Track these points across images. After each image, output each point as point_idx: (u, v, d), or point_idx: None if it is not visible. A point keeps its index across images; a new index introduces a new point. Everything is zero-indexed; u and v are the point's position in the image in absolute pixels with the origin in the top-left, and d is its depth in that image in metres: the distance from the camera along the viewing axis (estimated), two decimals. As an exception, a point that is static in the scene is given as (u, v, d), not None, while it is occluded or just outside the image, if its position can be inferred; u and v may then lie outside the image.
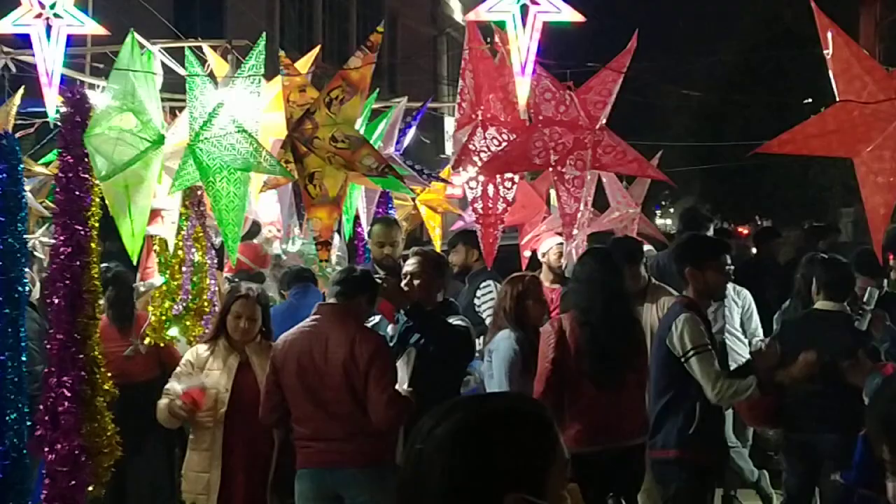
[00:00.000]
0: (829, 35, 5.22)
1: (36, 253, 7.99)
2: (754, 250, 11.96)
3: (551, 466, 2.18)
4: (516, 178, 6.93)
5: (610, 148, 6.56)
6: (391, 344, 6.18)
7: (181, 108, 7.53)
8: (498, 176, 6.80)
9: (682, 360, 5.77)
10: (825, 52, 5.24)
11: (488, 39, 7.10)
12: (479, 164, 6.75)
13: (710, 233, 9.40)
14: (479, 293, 8.33)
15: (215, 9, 20.40)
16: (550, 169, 6.63)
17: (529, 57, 5.96)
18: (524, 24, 5.97)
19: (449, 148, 28.28)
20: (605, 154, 6.56)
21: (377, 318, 6.52)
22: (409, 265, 6.44)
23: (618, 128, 6.87)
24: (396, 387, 5.81)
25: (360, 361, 5.70)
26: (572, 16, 6.00)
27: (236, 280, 8.08)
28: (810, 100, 23.81)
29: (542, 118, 6.57)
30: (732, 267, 6.19)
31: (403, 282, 6.37)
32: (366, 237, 9.04)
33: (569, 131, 6.50)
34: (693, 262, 6.01)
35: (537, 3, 5.92)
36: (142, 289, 7.53)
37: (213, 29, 15.55)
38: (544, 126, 6.54)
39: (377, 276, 6.24)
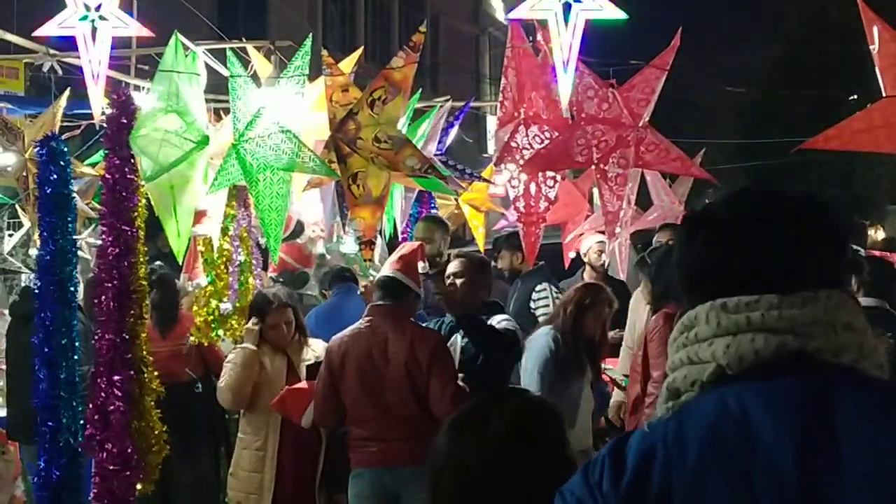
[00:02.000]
0: (875, 30, 5.17)
1: (81, 253, 8.07)
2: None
3: None
4: (558, 176, 6.92)
5: (653, 146, 6.53)
6: None
7: (224, 109, 7.58)
8: (540, 174, 6.79)
9: None
10: (871, 47, 5.19)
11: (530, 38, 7.08)
12: (522, 162, 6.75)
13: None
14: (534, 295, 8.28)
15: (258, 9, 20.48)
16: (593, 167, 6.61)
17: (572, 55, 5.96)
18: (567, 22, 5.97)
19: (491, 147, 28.31)
20: (648, 152, 6.53)
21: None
22: (453, 266, 6.44)
23: (659, 125, 6.84)
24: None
25: (421, 360, 5.72)
26: (615, 13, 5.98)
27: (280, 280, 8.13)
28: (855, 96, 23.60)
29: (584, 116, 6.55)
30: None
31: (447, 282, 6.39)
32: (408, 237, 9.06)
33: (612, 129, 6.48)
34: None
35: (580, 1, 5.92)
36: (189, 288, 7.58)
37: (255, 29, 15.61)
38: (587, 124, 6.53)
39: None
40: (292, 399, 6.15)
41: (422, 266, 6.49)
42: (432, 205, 9.71)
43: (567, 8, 5.96)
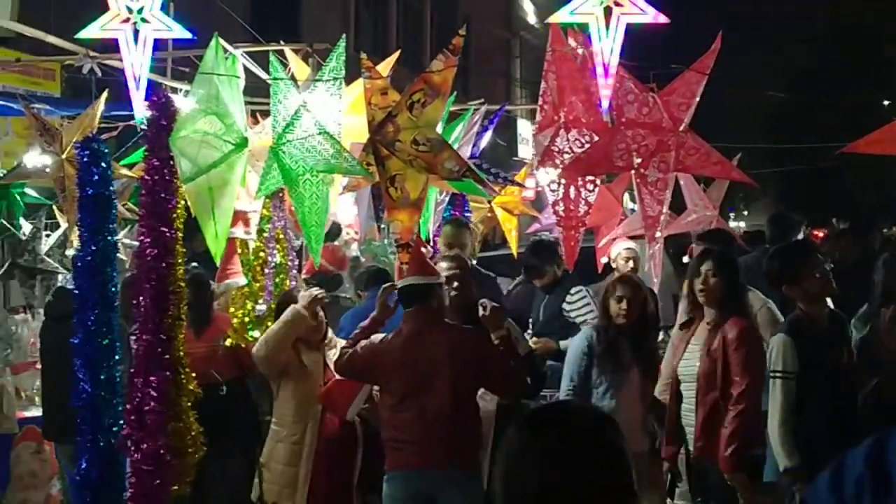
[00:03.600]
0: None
1: (118, 254, 8.12)
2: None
3: None
4: (598, 180, 6.90)
5: (693, 150, 6.50)
6: None
7: (261, 111, 7.61)
8: (579, 178, 6.77)
9: (770, 375, 5.73)
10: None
11: (572, 47, 7.06)
12: (561, 165, 6.74)
13: (801, 236, 9.22)
14: (569, 298, 8.23)
15: (291, 13, 20.54)
16: (633, 171, 6.59)
17: (613, 59, 5.94)
18: (607, 26, 5.95)
19: (522, 150, 28.45)
20: (689, 156, 6.51)
21: None
22: (448, 269, 6.42)
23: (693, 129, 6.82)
24: None
25: (469, 358, 5.78)
26: (656, 17, 5.96)
27: (314, 282, 8.13)
28: (887, 101, 23.46)
29: (624, 120, 6.53)
30: (829, 263, 6.09)
31: (450, 286, 6.41)
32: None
33: (652, 133, 6.46)
34: (785, 279, 5.92)
35: (621, 5, 5.90)
36: (219, 290, 7.59)
37: (289, 32, 15.62)
38: (627, 128, 6.51)
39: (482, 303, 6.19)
40: (340, 391, 6.18)
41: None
42: (466, 208, 9.71)
43: (608, 12, 5.95)
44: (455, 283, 6.37)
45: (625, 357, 6.51)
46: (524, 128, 29.13)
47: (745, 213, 46.47)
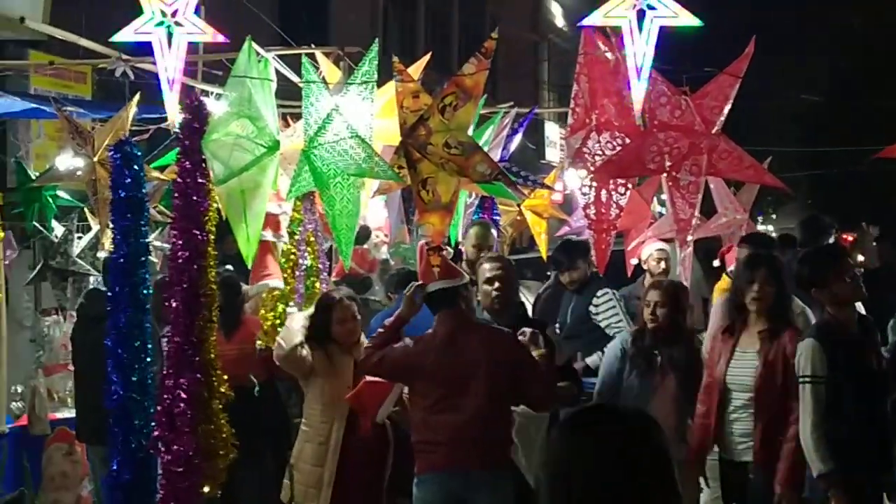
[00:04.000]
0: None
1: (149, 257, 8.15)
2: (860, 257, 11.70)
3: None
4: (629, 183, 6.88)
5: (726, 154, 6.47)
6: None
7: (291, 114, 7.63)
8: (611, 181, 6.75)
9: (799, 381, 5.70)
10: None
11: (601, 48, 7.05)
12: (593, 168, 6.72)
13: (832, 240, 9.16)
14: (595, 301, 8.25)
15: (320, 16, 20.58)
16: (664, 174, 6.56)
17: (646, 62, 5.93)
18: (640, 30, 5.94)
19: (549, 153, 28.39)
20: (721, 160, 6.48)
21: None
22: (491, 270, 6.52)
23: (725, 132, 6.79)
24: None
25: (502, 359, 5.80)
26: (689, 20, 5.95)
27: (343, 284, 8.15)
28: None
29: (657, 123, 6.51)
30: (858, 268, 6.03)
31: (492, 287, 6.48)
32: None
33: (684, 136, 6.44)
34: (814, 283, 5.88)
35: (654, 8, 5.89)
36: (252, 292, 7.62)
37: (317, 36, 15.60)
38: (659, 131, 6.49)
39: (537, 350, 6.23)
40: (370, 392, 6.18)
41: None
42: (495, 211, 9.71)
43: (641, 15, 5.94)
44: (497, 284, 6.43)
45: (659, 362, 6.50)
46: (552, 131, 29.12)
47: (774, 216, 46.25)
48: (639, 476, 2.26)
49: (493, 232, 8.48)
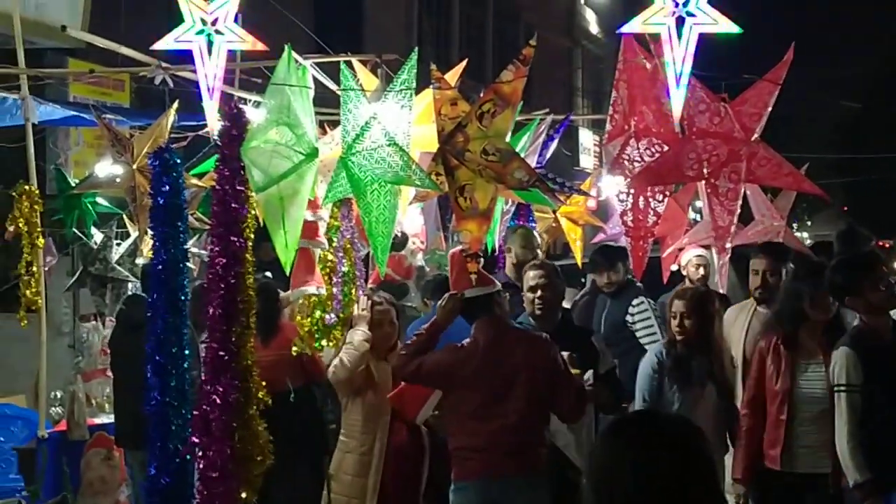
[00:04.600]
0: None
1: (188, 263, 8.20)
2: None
3: None
4: (667, 190, 6.86)
5: (765, 161, 6.45)
6: None
7: (328, 122, 7.66)
8: (648, 188, 6.74)
9: (834, 389, 5.66)
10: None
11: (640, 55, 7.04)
12: (631, 175, 6.71)
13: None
14: (631, 310, 8.25)
15: (355, 24, 20.65)
16: (703, 182, 6.54)
17: (685, 69, 5.93)
18: (679, 36, 5.93)
19: (584, 160, 28.35)
20: (760, 167, 6.46)
21: None
22: (535, 277, 6.55)
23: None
24: None
25: (542, 366, 5.84)
26: (729, 27, 5.93)
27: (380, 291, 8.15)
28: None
29: (695, 130, 6.49)
30: (894, 276, 5.98)
31: (535, 295, 6.51)
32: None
33: (723, 143, 6.42)
34: (847, 290, 5.84)
35: (693, 15, 5.88)
36: (292, 298, 7.63)
37: (351, 43, 15.70)
38: (698, 138, 6.47)
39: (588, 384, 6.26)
40: (411, 394, 6.20)
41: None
42: (530, 218, 9.71)
43: (680, 22, 5.93)
44: (539, 292, 6.46)
45: (696, 373, 6.43)
46: (586, 138, 29.08)
47: (809, 223, 46.03)
48: (682, 484, 2.25)
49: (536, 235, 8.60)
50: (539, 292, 6.55)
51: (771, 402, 6.18)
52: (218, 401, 6.02)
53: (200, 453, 6.01)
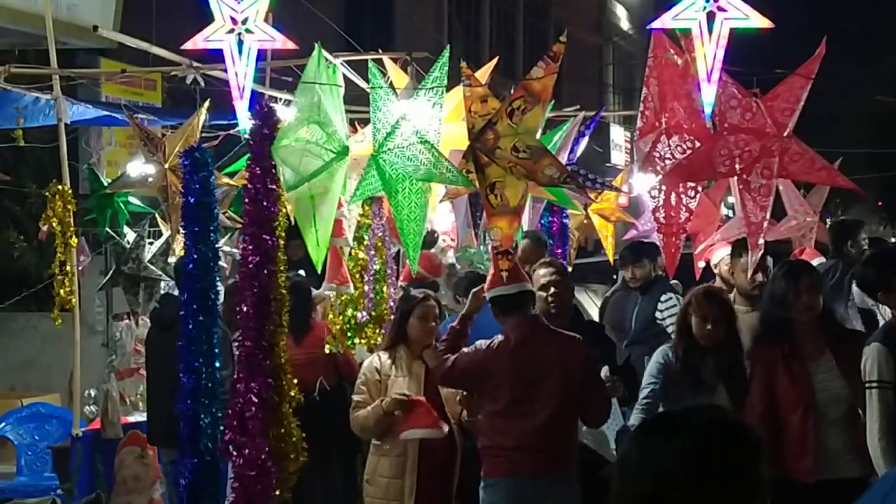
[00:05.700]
0: None
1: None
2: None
3: None
4: (699, 187, 6.82)
5: (798, 156, 6.38)
6: None
7: (358, 120, 7.67)
8: (680, 184, 6.70)
9: (866, 386, 5.56)
10: None
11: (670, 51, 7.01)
12: (662, 171, 6.68)
13: (864, 237, 9.16)
14: (660, 306, 8.25)
15: (385, 21, 20.69)
16: (735, 178, 6.49)
17: (716, 64, 5.89)
18: (710, 32, 5.90)
19: (615, 156, 28.26)
20: (793, 162, 6.39)
21: None
22: (546, 276, 6.53)
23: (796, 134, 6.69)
24: None
25: (575, 366, 5.86)
26: (760, 22, 5.89)
27: (410, 288, 8.16)
28: None
29: (727, 126, 6.44)
30: None
31: (548, 293, 6.53)
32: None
33: (755, 139, 6.35)
34: (880, 286, 5.77)
35: (724, 10, 5.85)
36: (326, 293, 7.64)
37: (381, 41, 15.73)
38: (730, 134, 6.41)
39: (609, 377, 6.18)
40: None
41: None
42: (564, 214, 9.69)
43: (711, 17, 5.90)
44: (552, 290, 6.45)
45: (708, 377, 6.08)
46: (616, 134, 29.00)
47: (842, 218, 45.72)
48: (702, 483, 2.24)
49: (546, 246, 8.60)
50: (552, 289, 6.52)
51: (791, 411, 5.87)
52: (253, 399, 6.05)
53: (236, 452, 6.04)
